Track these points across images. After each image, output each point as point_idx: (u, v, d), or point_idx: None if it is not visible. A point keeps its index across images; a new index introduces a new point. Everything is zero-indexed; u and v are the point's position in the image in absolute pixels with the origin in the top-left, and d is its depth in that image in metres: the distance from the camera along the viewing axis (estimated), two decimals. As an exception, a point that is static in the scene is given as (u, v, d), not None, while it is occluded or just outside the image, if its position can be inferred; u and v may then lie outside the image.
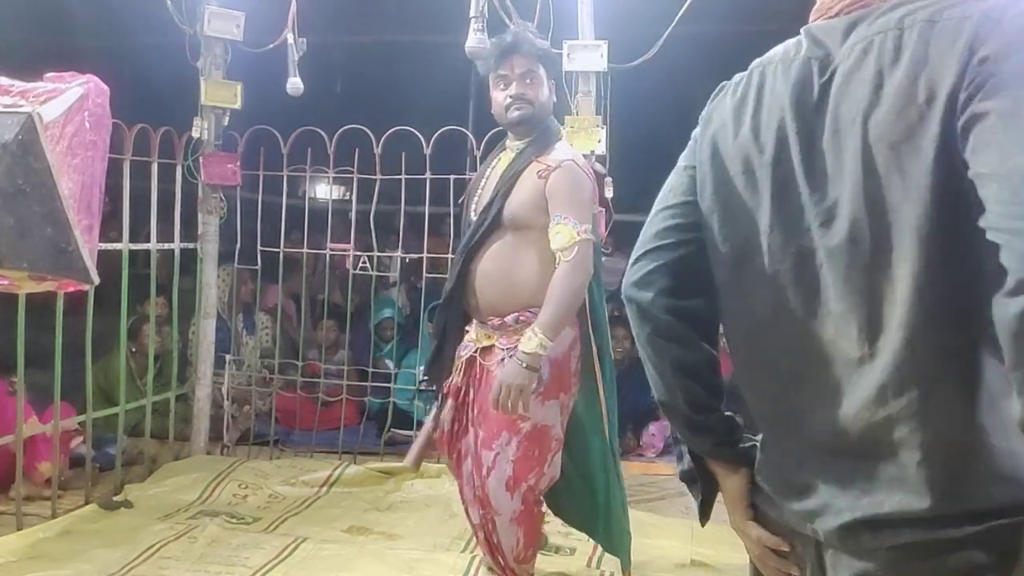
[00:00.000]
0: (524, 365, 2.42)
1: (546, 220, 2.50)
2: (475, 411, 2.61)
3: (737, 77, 1.20)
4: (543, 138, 2.61)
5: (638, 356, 1.31)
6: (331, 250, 4.72)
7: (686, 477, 1.32)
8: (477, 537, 2.74)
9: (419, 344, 4.96)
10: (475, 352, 2.63)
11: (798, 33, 1.13)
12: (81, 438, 4.01)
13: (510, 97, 2.57)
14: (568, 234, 2.45)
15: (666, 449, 4.85)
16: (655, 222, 1.26)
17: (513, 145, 2.65)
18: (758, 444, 1.23)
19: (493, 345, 2.59)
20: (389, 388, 4.61)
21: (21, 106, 2.19)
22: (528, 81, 2.58)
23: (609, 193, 4.20)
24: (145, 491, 3.95)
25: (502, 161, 2.67)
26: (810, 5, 1.14)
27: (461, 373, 2.66)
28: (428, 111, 5.41)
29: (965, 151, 0.92)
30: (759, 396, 1.20)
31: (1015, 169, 0.87)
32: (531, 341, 2.41)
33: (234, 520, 3.73)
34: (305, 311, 5.65)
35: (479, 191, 2.69)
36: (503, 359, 2.53)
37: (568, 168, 2.54)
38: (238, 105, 4.42)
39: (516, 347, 2.47)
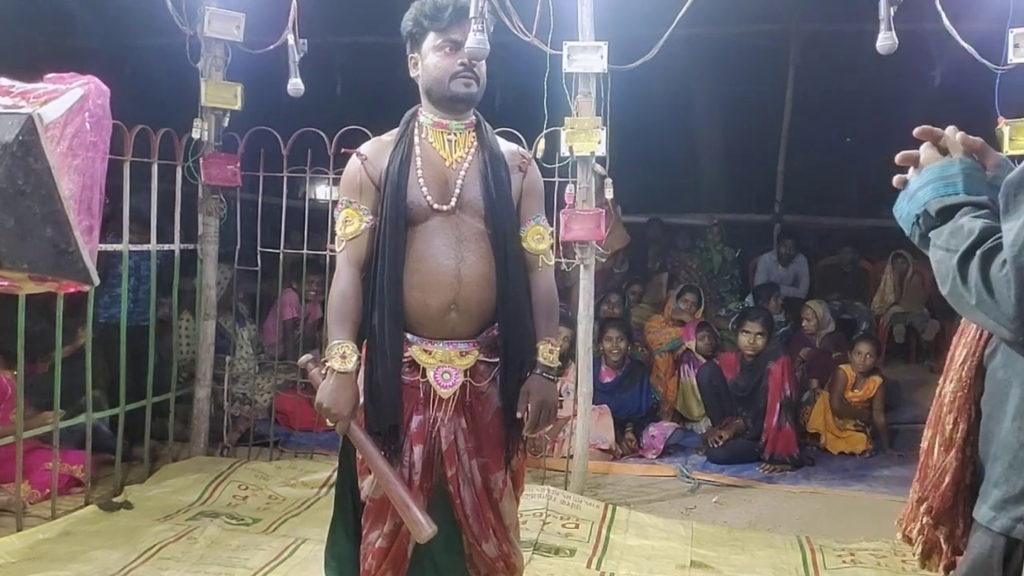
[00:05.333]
0: (552, 380, 2.24)
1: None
2: (473, 442, 2.24)
3: None
4: (484, 122, 2.30)
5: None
6: (331, 251, 4.72)
7: None
8: (494, 567, 2.28)
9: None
10: (466, 378, 2.22)
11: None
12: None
13: (462, 66, 2.17)
14: (548, 237, 2.36)
15: (666, 451, 4.87)
16: None
17: (452, 125, 2.24)
18: None
19: (475, 364, 2.23)
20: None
21: (21, 107, 2.19)
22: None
23: (609, 194, 4.20)
24: (145, 492, 3.95)
25: (447, 142, 2.25)
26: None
27: (443, 409, 2.20)
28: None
29: None
30: None
31: None
32: (552, 353, 2.24)
33: (234, 521, 3.73)
34: (305, 312, 5.64)
35: (424, 177, 2.21)
36: (495, 377, 2.24)
37: (534, 163, 2.41)
38: (238, 106, 4.43)
39: (497, 362, 2.22)
